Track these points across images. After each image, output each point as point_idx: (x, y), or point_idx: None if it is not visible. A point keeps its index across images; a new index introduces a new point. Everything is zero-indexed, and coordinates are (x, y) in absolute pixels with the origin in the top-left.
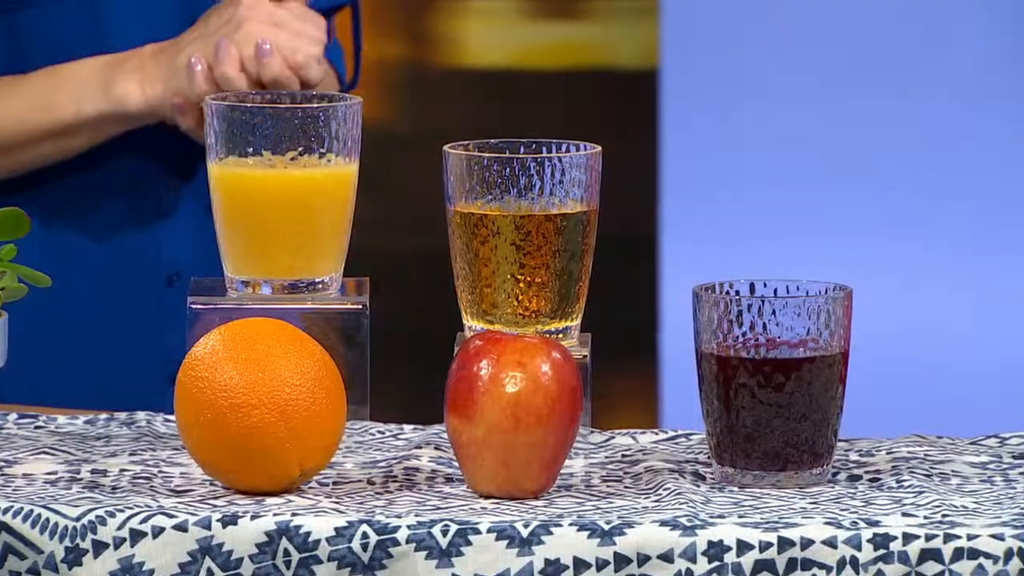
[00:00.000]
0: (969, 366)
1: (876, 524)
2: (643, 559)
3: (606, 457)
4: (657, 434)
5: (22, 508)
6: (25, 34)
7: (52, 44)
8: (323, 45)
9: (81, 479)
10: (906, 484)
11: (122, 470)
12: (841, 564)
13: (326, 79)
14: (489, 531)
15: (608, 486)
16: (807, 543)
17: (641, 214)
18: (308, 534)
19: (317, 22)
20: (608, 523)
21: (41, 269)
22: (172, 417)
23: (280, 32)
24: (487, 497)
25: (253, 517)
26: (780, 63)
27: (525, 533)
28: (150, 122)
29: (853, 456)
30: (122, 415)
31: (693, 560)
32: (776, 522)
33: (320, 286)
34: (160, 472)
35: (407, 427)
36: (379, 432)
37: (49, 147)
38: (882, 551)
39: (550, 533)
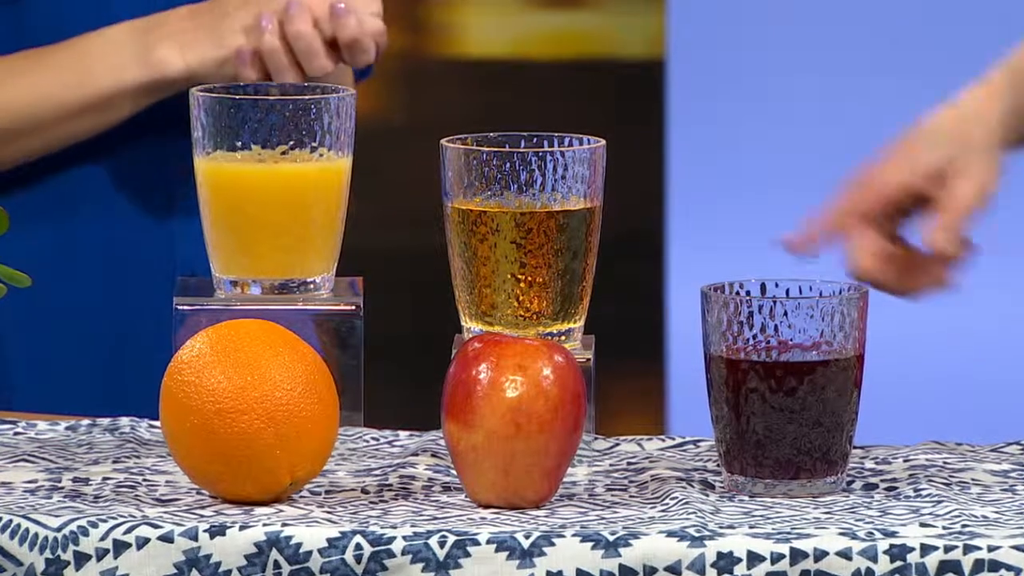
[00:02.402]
0: (989, 370)
1: (893, 535)
2: (649, 571)
3: (610, 465)
4: (664, 441)
5: (0, 518)
6: (30, 22)
7: (59, 34)
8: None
9: (62, 488)
10: (924, 493)
11: (105, 478)
12: None
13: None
14: (488, 542)
15: (613, 495)
16: (821, 554)
17: (647, 211)
18: (299, 545)
19: None
20: (613, 534)
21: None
22: (157, 423)
23: None
24: (486, 507)
25: (242, 527)
26: (793, 54)
27: (526, 544)
28: (188, 87)
29: (868, 464)
30: (105, 421)
31: (702, 572)
32: (788, 533)
33: (312, 286)
34: (145, 480)
35: (403, 434)
36: (373, 439)
37: (87, 123)
38: (899, 563)
39: (552, 544)
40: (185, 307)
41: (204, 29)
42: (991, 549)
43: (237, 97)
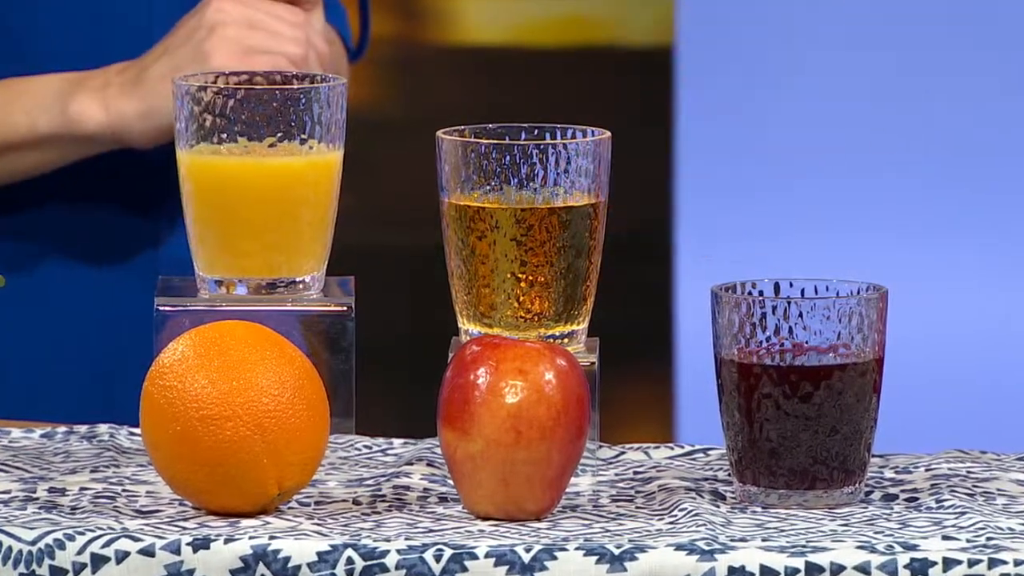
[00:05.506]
0: (1015, 375)
1: (914, 548)
2: None
3: (616, 474)
4: (672, 449)
5: None
6: (14, 23)
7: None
8: (302, 42)
9: (37, 499)
10: (947, 504)
11: (82, 489)
12: None
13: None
14: (487, 556)
15: (618, 506)
16: (838, 569)
17: (654, 206)
18: (287, 559)
19: (294, 19)
20: (618, 547)
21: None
22: (138, 430)
23: (255, 34)
24: (485, 518)
25: (227, 540)
26: (807, 40)
27: (527, 558)
28: (112, 147)
29: (888, 473)
30: (82, 428)
31: None
32: (804, 546)
33: (301, 286)
34: (124, 491)
35: (397, 441)
36: (366, 447)
37: (5, 163)
38: None
39: (554, 558)
40: (167, 308)
41: (127, 84)
42: (1017, 563)
43: (222, 86)
